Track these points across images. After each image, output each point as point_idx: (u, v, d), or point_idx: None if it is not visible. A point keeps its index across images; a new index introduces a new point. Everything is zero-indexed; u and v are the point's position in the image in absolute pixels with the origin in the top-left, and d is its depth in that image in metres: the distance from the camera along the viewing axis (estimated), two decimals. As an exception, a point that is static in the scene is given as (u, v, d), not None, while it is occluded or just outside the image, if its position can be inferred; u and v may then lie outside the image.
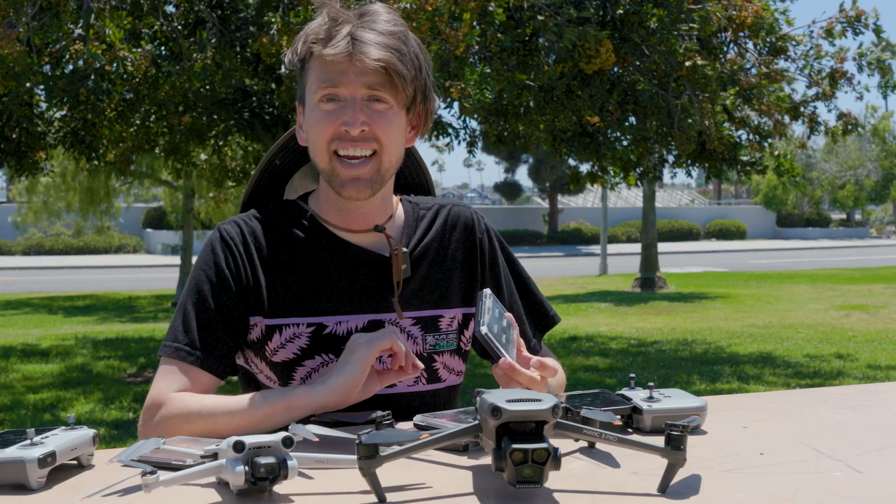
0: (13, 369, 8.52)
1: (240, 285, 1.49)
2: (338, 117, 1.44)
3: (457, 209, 1.65)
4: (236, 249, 1.50)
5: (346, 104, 1.44)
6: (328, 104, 1.45)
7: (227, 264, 1.49)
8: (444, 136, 6.64)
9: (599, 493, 1.04)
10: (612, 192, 8.38)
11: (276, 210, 1.57)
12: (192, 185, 16.24)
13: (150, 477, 0.99)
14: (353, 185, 1.47)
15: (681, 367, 8.27)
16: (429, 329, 1.55)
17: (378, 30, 1.43)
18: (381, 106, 1.45)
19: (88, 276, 23.97)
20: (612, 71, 6.12)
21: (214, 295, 1.48)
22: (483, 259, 1.63)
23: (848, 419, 1.40)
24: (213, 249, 1.51)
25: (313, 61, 1.46)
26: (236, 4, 5.35)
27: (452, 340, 1.59)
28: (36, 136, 6.53)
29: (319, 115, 1.46)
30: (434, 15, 4.36)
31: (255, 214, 1.56)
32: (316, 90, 1.46)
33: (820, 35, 6.35)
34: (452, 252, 1.61)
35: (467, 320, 1.61)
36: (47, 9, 4.56)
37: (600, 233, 24.49)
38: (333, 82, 1.43)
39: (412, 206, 1.63)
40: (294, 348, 1.50)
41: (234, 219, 1.56)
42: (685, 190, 60.71)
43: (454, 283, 1.60)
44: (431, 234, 1.60)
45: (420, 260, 1.57)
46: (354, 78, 1.43)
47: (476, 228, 1.64)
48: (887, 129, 41.06)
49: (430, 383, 1.56)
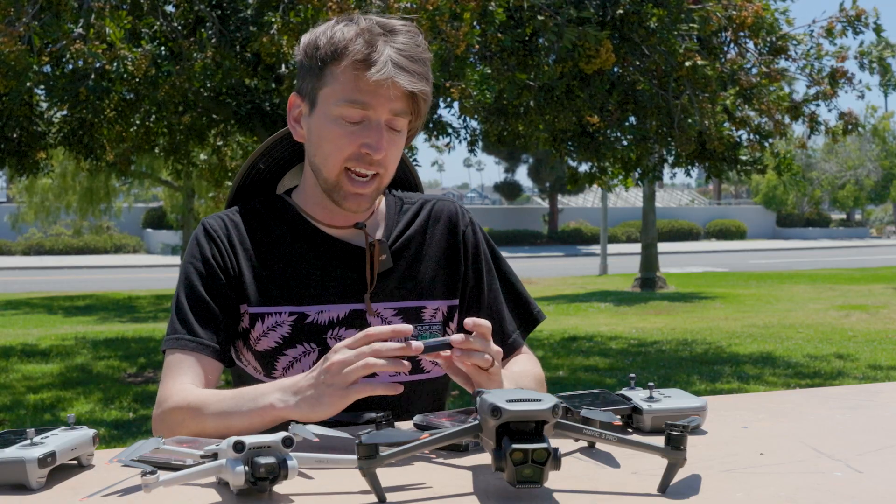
0: (13, 369, 8.52)
1: (227, 274, 1.53)
2: (359, 137, 1.47)
3: (441, 203, 1.68)
4: (220, 240, 1.55)
5: (370, 126, 1.46)
6: (351, 125, 1.47)
7: (213, 254, 1.54)
8: (444, 136, 6.64)
9: (599, 493, 1.04)
10: (611, 192, 8.38)
11: (259, 205, 1.62)
12: (191, 185, 16.25)
13: (150, 477, 1.00)
14: (356, 199, 1.51)
15: (681, 367, 8.27)
16: (411, 319, 1.57)
17: (412, 55, 1.45)
18: (399, 128, 1.50)
19: (88, 276, 23.97)
20: (612, 71, 6.11)
21: (204, 284, 1.52)
22: (466, 252, 1.65)
23: (848, 419, 1.40)
24: (199, 242, 1.56)
25: (343, 74, 1.45)
26: (236, 4, 5.35)
27: (437, 332, 1.59)
28: (36, 136, 6.52)
29: (340, 132, 1.47)
30: (434, 14, 4.36)
31: (237, 210, 1.61)
32: (343, 104, 1.46)
33: (820, 34, 6.35)
34: (436, 244, 1.63)
35: (452, 312, 1.63)
36: (48, 8, 4.56)
37: (600, 233, 24.50)
38: (364, 104, 1.45)
39: (395, 200, 1.66)
40: (276, 336, 1.52)
41: (218, 214, 1.61)
42: (685, 190, 60.70)
43: (437, 275, 1.62)
44: (414, 226, 1.63)
45: (402, 251, 1.60)
46: (385, 102, 1.45)
47: (460, 222, 1.66)
48: (887, 129, 41.05)
49: (412, 374, 1.56)
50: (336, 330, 1.54)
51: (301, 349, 1.53)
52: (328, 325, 1.53)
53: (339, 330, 1.53)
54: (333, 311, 1.54)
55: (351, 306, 1.55)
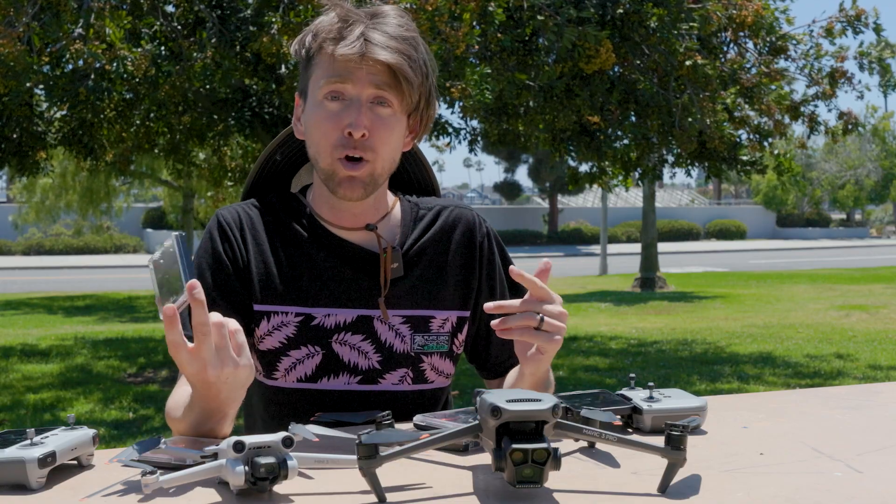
0: (13, 369, 8.52)
1: (237, 268, 1.52)
2: (342, 119, 1.44)
3: (458, 211, 1.64)
4: (232, 234, 1.53)
5: (352, 104, 1.44)
6: (333, 103, 1.45)
7: (224, 249, 1.52)
8: (444, 136, 6.63)
9: (599, 493, 1.04)
10: (612, 192, 8.38)
11: (276, 200, 1.59)
12: (191, 185, 16.24)
13: (150, 477, 1.00)
14: (349, 183, 1.47)
15: (681, 367, 8.27)
16: (418, 329, 1.55)
17: (390, 33, 1.43)
18: (384, 111, 1.45)
19: (88, 276, 23.96)
20: (612, 70, 6.12)
21: (214, 278, 1.51)
22: (482, 263, 1.62)
23: (848, 419, 1.39)
24: (211, 236, 1.54)
25: (321, 57, 1.46)
26: (236, 4, 5.35)
27: (444, 343, 1.57)
28: (36, 136, 6.52)
29: (324, 115, 1.45)
30: (434, 15, 4.36)
31: (254, 203, 1.58)
32: (322, 85, 1.45)
33: (820, 34, 6.35)
34: (451, 254, 1.60)
35: (461, 324, 1.60)
36: (47, 8, 4.56)
37: (600, 233, 24.49)
38: (342, 77, 1.43)
39: (411, 206, 1.62)
40: (281, 336, 1.51)
41: (234, 205, 1.58)
42: (685, 190, 60.70)
43: (450, 284, 1.58)
44: (430, 234, 1.59)
45: (416, 259, 1.57)
46: (363, 76, 1.43)
47: (477, 231, 1.62)
48: (887, 129, 41.06)
49: (416, 383, 1.55)
50: (342, 334, 1.51)
51: (305, 351, 1.51)
52: (335, 329, 1.51)
53: (346, 335, 1.51)
54: (341, 315, 1.51)
55: (359, 311, 1.52)
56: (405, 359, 1.54)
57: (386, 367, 1.53)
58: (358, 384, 1.52)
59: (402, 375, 1.54)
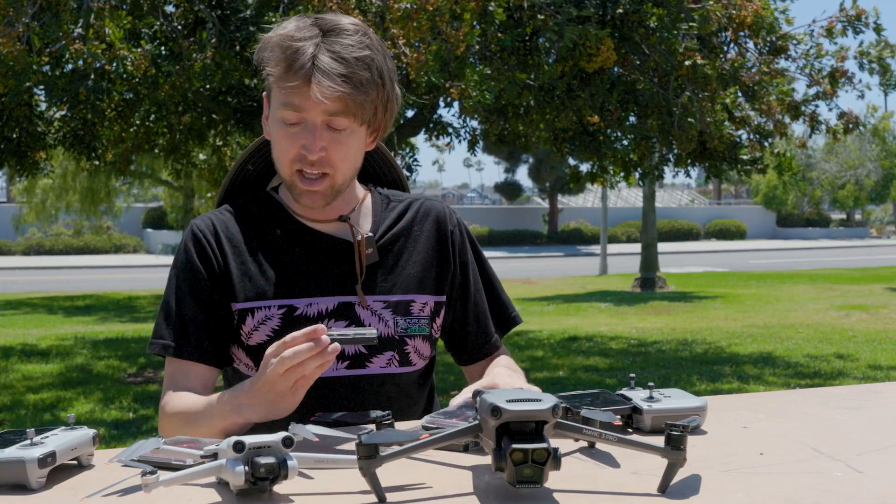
0: (13, 369, 8.51)
1: (213, 275, 1.56)
2: (298, 139, 1.49)
3: (429, 202, 1.71)
4: (206, 242, 1.57)
5: (307, 128, 1.48)
6: (291, 126, 1.49)
7: (199, 258, 1.56)
8: (444, 136, 6.64)
9: (599, 493, 1.04)
10: (612, 191, 8.38)
11: (249, 201, 1.64)
12: (191, 185, 16.24)
13: (150, 477, 1.00)
14: (310, 196, 1.53)
15: (681, 367, 8.27)
16: (400, 313, 1.59)
17: (341, 54, 1.44)
18: (341, 128, 1.49)
19: (88, 276, 23.96)
20: (612, 70, 6.11)
21: (190, 289, 1.55)
22: (454, 250, 1.67)
23: (848, 419, 1.40)
24: (186, 247, 1.59)
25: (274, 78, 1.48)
26: (236, 4, 5.35)
27: (424, 326, 1.62)
28: (36, 136, 6.52)
29: (283, 134, 1.50)
30: (434, 14, 4.36)
31: (227, 208, 1.64)
32: (277, 108, 1.49)
33: (820, 34, 6.34)
34: (424, 241, 1.65)
35: (438, 308, 1.65)
36: (47, 8, 4.56)
37: (600, 233, 24.49)
38: (294, 107, 1.47)
39: (382, 198, 1.68)
40: (267, 330, 1.54)
41: (208, 213, 1.64)
42: (685, 190, 60.67)
43: (426, 270, 1.64)
44: (403, 222, 1.65)
45: (389, 246, 1.62)
46: (314, 106, 1.45)
47: (448, 221, 1.68)
48: (887, 128, 41.02)
49: (402, 366, 1.60)
50: (326, 322, 1.55)
51: None
52: (318, 318, 1.55)
53: (329, 322, 1.55)
54: (322, 304, 1.55)
55: (339, 298, 1.56)
56: (390, 342, 1.58)
57: (372, 351, 1.57)
58: (346, 369, 1.56)
59: (389, 358, 1.58)
